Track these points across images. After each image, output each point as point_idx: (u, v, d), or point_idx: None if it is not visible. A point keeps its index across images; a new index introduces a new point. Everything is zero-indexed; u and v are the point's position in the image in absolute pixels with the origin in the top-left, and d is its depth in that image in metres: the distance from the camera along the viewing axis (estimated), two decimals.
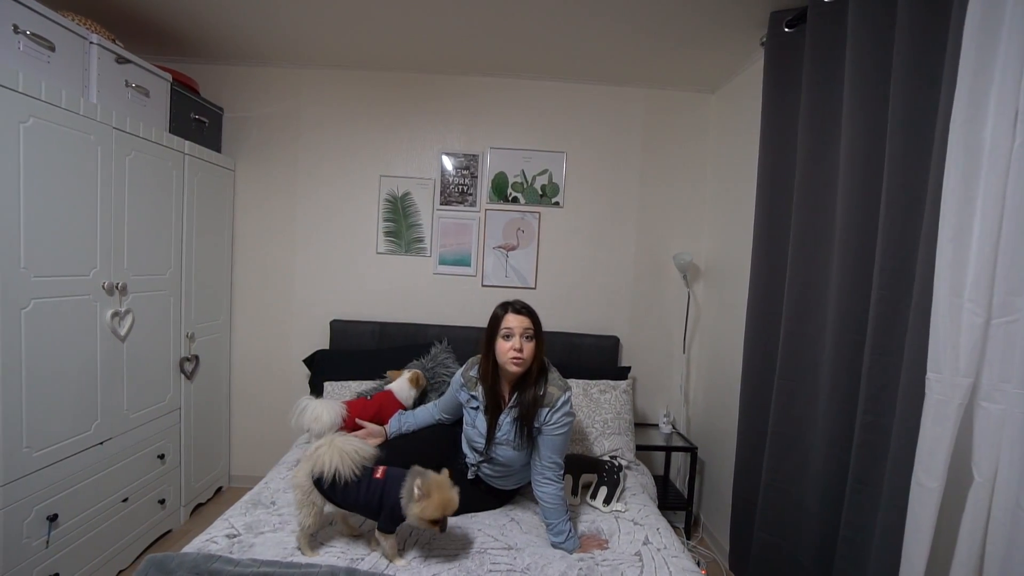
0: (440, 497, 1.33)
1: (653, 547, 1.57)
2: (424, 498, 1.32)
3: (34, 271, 1.59)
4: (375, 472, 1.43)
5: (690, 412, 2.81)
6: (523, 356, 1.59)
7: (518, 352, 1.58)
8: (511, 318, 1.61)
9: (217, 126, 2.66)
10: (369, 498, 1.39)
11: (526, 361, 1.60)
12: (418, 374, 2.20)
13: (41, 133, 1.60)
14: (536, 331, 1.62)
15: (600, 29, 2.14)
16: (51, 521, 1.67)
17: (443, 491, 1.34)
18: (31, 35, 1.58)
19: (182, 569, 1.27)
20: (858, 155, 1.45)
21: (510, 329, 1.60)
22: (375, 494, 1.39)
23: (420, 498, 1.31)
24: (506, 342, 1.60)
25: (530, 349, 1.60)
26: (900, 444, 1.20)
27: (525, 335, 1.60)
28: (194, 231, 2.41)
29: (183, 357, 2.37)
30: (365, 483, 1.40)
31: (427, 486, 1.33)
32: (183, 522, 2.44)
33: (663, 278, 2.80)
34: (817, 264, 1.67)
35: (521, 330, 1.60)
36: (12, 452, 1.55)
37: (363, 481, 1.40)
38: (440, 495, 1.33)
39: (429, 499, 1.32)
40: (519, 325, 1.60)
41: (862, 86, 1.45)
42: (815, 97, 1.69)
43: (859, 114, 1.45)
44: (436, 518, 1.34)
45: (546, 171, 2.74)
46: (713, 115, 2.74)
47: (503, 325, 1.61)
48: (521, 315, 1.61)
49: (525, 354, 1.59)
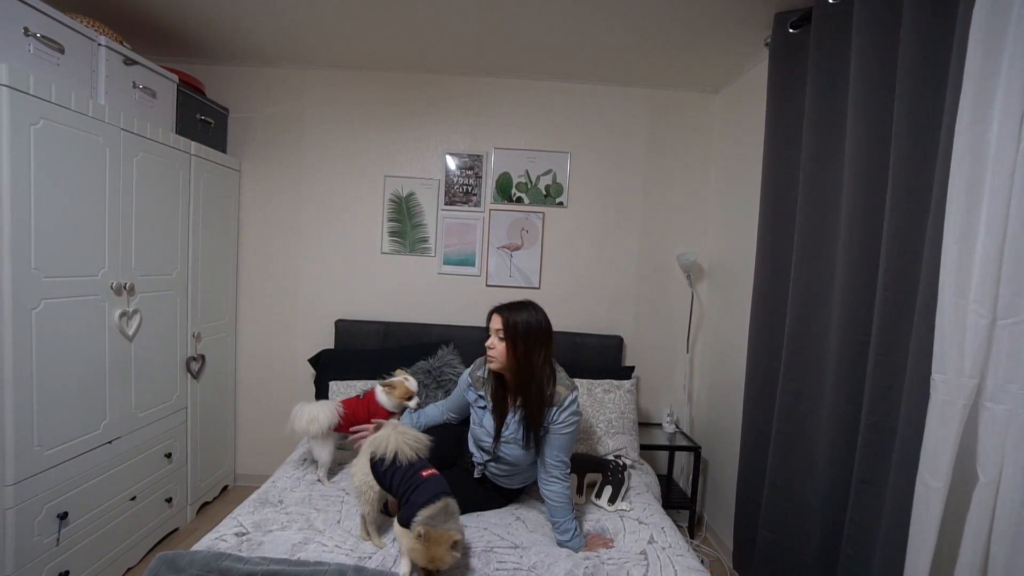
0: (430, 552, 1.28)
1: (658, 546, 1.58)
2: (420, 540, 1.28)
3: (44, 272, 1.61)
4: (423, 471, 1.45)
5: (693, 411, 2.82)
6: (493, 354, 1.65)
7: (489, 349, 1.66)
8: (492, 318, 1.68)
9: (223, 126, 2.68)
10: (404, 490, 1.42)
11: (497, 359, 1.64)
12: (399, 383, 1.99)
13: (51, 135, 1.61)
14: (508, 332, 1.62)
15: (604, 30, 2.15)
16: (61, 519, 1.69)
17: (437, 548, 1.28)
18: (41, 37, 1.60)
19: (193, 567, 1.28)
20: (863, 156, 1.45)
21: (489, 328, 1.68)
22: (408, 489, 1.41)
23: (418, 537, 1.28)
24: (488, 340, 1.67)
25: (501, 348, 1.63)
26: (905, 444, 1.21)
27: (497, 335, 1.64)
28: (200, 231, 2.42)
29: (190, 357, 2.39)
30: (410, 474, 1.44)
31: (429, 533, 1.28)
32: (189, 520, 2.46)
33: (667, 278, 2.80)
34: (822, 264, 1.68)
35: (494, 330, 1.65)
36: (24, 451, 1.56)
37: (410, 471, 1.45)
38: (431, 551, 1.28)
39: (423, 545, 1.28)
40: (493, 325, 1.66)
41: (867, 87, 1.45)
42: (820, 98, 1.70)
43: (864, 115, 1.46)
44: (420, 564, 1.30)
45: (550, 171, 2.75)
46: (717, 115, 2.75)
47: (488, 324, 1.69)
48: (498, 315, 1.66)
49: (495, 352, 1.64)
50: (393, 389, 1.97)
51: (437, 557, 1.28)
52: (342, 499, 1.78)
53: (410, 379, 2.03)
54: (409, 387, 1.99)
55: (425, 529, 1.28)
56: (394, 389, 1.97)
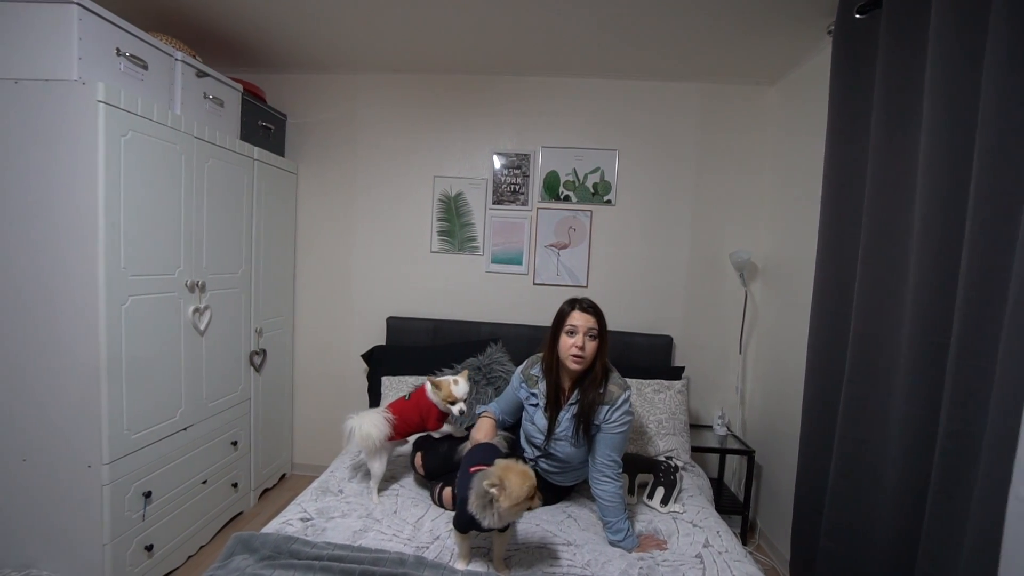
0: (514, 475, 1.24)
1: (714, 550, 1.55)
2: (503, 489, 1.23)
3: (131, 270, 1.75)
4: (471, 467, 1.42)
5: (746, 414, 2.73)
6: (584, 354, 1.60)
7: (579, 350, 1.60)
8: (577, 315, 1.62)
9: (281, 131, 2.81)
10: (460, 488, 1.41)
11: (586, 359, 1.61)
12: (444, 383, 1.83)
13: (137, 145, 1.75)
14: (600, 331, 1.62)
15: (655, 23, 2.11)
16: (146, 497, 1.84)
17: (510, 469, 1.27)
18: (129, 56, 1.74)
19: (265, 547, 1.37)
20: (942, 148, 1.37)
21: (574, 327, 1.62)
22: (462, 487, 1.39)
23: (500, 491, 1.23)
24: (569, 339, 1.62)
25: (592, 348, 1.60)
26: (993, 454, 1.13)
27: (589, 334, 1.61)
28: (262, 231, 2.56)
29: (253, 351, 2.53)
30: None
31: (495, 477, 1.25)
32: (252, 505, 2.61)
33: (718, 276, 2.73)
34: (891, 263, 1.59)
35: (585, 328, 1.61)
36: (116, 434, 1.71)
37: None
38: (512, 473, 1.25)
39: (509, 486, 1.23)
40: (584, 323, 1.61)
41: (948, 74, 1.36)
42: (890, 87, 1.60)
43: (944, 103, 1.37)
44: (526, 495, 1.25)
45: (598, 169, 2.73)
46: (773, 108, 2.65)
47: (568, 322, 1.63)
48: (587, 313, 1.62)
49: (586, 352, 1.60)
50: (439, 389, 1.80)
51: (522, 471, 1.26)
52: (397, 492, 1.84)
53: (460, 383, 1.81)
54: (454, 391, 1.78)
55: (487, 481, 1.23)
56: (439, 389, 1.80)
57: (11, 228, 1.63)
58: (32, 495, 1.69)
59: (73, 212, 1.62)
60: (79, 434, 1.67)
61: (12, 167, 1.62)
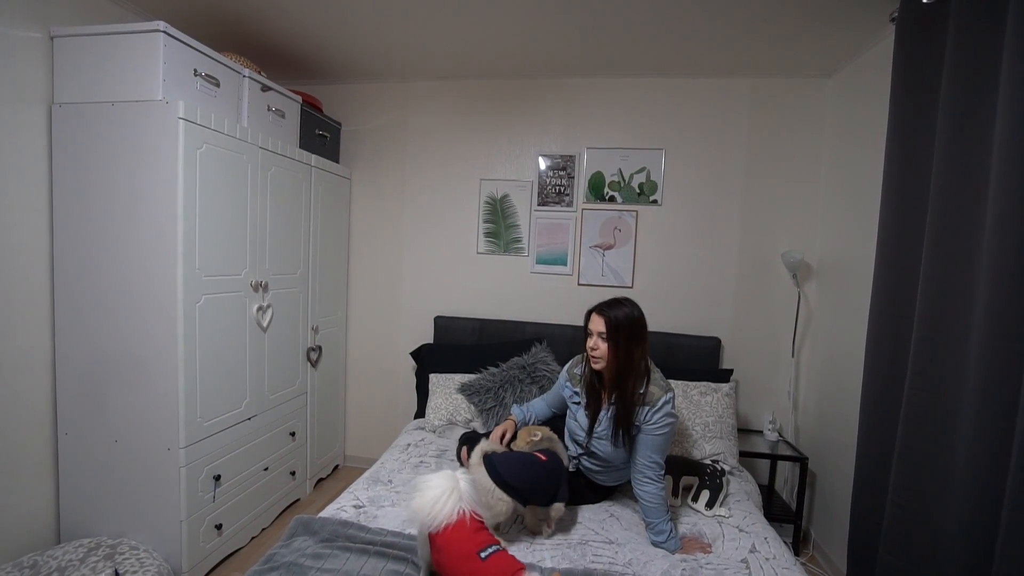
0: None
1: (761, 556, 1.52)
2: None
3: (204, 271, 1.91)
4: None
5: (799, 420, 2.63)
6: (596, 355, 1.66)
7: (592, 350, 1.67)
8: (593, 318, 1.69)
9: (336, 139, 2.96)
10: None
11: (600, 360, 1.66)
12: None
13: (211, 156, 1.90)
14: (611, 333, 1.63)
15: (703, 17, 2.07)
16: (216, 480, 1.99)
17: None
18: (205, 76, 1.90)
19: (324, 531, 1.46)
20: (1019, 138, 1.28)
21: (590, 329, 1.69)
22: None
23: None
24: (588, 340, 1.69)
25: (604, 349, 1.64)
26: None
27: (600, 336, 1.65)
28: (318, 234, 2.71)
29: (309, 347, 2.68)
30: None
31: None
32: (308, 493, 2.76)
33: (770, 277, 2.64)
34: (959, 263, 1.49)
35: (597, 331, 1.66)
36: (191, 421, 1.88)
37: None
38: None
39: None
40: (595, 326, 1.67)
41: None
42: (960, 76, 1.51)
43: (1022, 94, 1.28)
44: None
45: (644, 169, 2.70)
46: (829, 102, 2.53)
47: (587, 324, 1.70)
48: (600, 316, 1.66)
49: (598, 353, 1.65)
50: None
51: None
52: None
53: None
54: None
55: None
56: None
57: (103, 235, 1.83)
58: (122, 473, 1.88)
59: (155, 219, 1.79)
60: (160, 419, 1.84)
61: (108, 182, 1.82)
